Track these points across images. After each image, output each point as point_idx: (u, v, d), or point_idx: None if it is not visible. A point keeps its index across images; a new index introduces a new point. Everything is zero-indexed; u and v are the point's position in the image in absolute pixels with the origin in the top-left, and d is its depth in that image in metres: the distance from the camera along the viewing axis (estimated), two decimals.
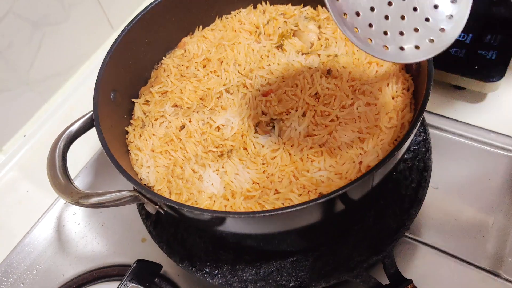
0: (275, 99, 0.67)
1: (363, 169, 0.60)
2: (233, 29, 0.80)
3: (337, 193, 0.50)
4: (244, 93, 0.70)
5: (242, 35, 0.79)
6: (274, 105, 0.66)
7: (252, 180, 0.62)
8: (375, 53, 0.50)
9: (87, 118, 0.64)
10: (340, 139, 0.62)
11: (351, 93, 0.65)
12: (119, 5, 1.15)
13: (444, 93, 0.93)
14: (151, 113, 0.72)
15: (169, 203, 0.53)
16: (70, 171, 0.63)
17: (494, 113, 0.89)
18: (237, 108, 0.68)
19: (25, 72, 0.98)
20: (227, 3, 0.82)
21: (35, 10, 0.95)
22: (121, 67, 0.71)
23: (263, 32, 0.79)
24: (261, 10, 0.82)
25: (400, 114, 0.64)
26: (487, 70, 0.86)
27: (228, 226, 0.57)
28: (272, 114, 0.66)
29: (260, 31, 0.79)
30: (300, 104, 0.65)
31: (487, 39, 0.90)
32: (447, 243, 0.74)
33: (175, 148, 0.67)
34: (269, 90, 0.68)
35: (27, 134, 1.02)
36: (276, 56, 0.73)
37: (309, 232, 0.67)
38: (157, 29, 0.77)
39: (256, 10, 0.83)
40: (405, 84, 0.67)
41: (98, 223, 0.87)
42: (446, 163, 0.83)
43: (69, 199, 0.57)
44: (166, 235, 0.73)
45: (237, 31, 0.79)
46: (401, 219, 0.69)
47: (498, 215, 0.76)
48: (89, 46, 1.13)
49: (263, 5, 0.83)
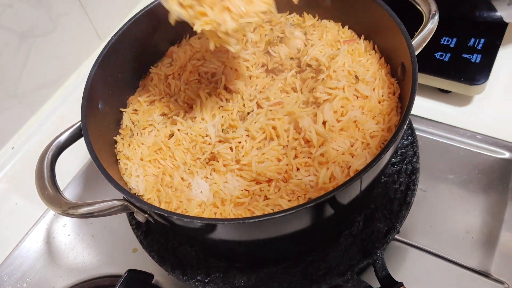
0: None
1: (351, 173, 0.60)
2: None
3: (325, 197, 0.51)
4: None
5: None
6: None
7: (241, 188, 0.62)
8: None
9: (75, 128, 0.64)
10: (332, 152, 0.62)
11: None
12: (106, 15, 1.15)
13: (430, 96, 0.94)
14: (139, 122, 0.72)
15: (159, 211, 0.53)
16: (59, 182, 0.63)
17: (480, 116, 0.90)
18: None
19: (12, 84, 0.97)
20: None
21: (22, 21, 0.95)
22: (108, 77, 0.71)
23: (250, 39, 0.79)
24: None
25: (386, 118, 0.65)
26: (471, 73, 0.88)
27: (218, 233, 0.57)
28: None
29: (247, 39, 0.80)
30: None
31: (471, 43, 0.92)
32: (437, 245, 0.75)
33: (164, 156, 0.67)
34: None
35: (15, 147, 1.01)
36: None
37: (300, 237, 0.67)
38: (145, 38, 0.77)
39: None
40: (391, 88, 0.68)
41: (88, 234, 0.86)
42: (434, 166, 0.84)
43: (58, 210, 0.57)
44: (157, 244, 0.73)
45: None
46: (390, 222, 0.69)
47: (486, 216, 0.77)
48: (76, 57, 1.13)
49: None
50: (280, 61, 0.75)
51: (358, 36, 0.77)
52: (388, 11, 0.67)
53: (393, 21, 0.66)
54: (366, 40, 0.75)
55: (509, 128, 0.86)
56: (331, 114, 0.65)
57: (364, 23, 0.75)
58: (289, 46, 0.77)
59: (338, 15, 0.79)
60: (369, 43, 0.75)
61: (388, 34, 0.68)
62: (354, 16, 0.76)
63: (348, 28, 0.78)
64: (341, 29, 0.78)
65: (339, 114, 0.65)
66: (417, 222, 0.78)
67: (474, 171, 0.82)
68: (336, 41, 0.76)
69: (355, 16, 0.76)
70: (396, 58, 0.68)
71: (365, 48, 0.74)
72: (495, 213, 0.77)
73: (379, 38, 0.73)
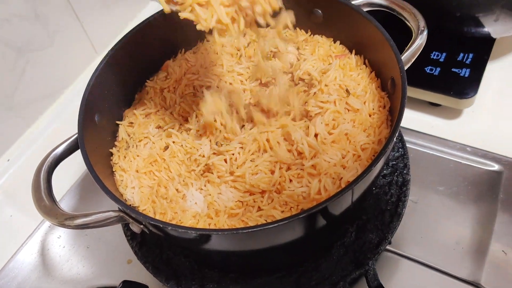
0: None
1: (343, 184, 0.61)
2: (215, 51, 0.82)
3: (317, 208, 0.52)
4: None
5: (224, 57, 0.81)
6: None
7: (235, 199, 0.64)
8: None
9: (72, 140, 0.65)
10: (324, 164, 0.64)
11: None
12: (102, 30, 1.17)
13: (421, 110, 0.96)
14: (135, 135, 0.73)
15: (154, 222, 0.54)
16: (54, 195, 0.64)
17: (469, 128, 0.92)
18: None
19: (9, 97, 0.98)
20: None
21: (19, 36, 0.96)
22: (105, 90, 0.72)
23: (244, 54, 0.81)
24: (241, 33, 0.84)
25: (377, 131, 0.66)
26: (461, 87, 0.90)
27: (212, 244, 0.58)
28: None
29: (241, 53, 0.81)
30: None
31: (460, 58, 0.94)
32: (428, 255, 0.76)
33: (159, 168, 0.68)
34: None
35: (11, 159, 1.02)
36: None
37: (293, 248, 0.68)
38: (141, 52, 0.78)
39: None
40: (381, 101, 0.70)
41: (83, 246, 0.87)
42: (425, 178, 0.85)
43: (54, 221, 0.58)
44: (152, 255, 0.73)
45: (219, 54, 0.81)
46: (382, 233, 0.71)
47: (476, 227, 0.78)
48: (73, 71, 1.14)
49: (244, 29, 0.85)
50: (274, 75, 0.77)
51: (349, 51, 0.79)
52: (378, 27, 0.69)
53: (383, 36, 0.67)
54: (357, 55, 0.77)
55: (498, 141, 0.88)
56: (322, 127, 0.66)
57: (355, 39, 0.77)
58: (282, 61, 0.78)
59: (330, 30, 0.80)
60: (360, 58, 0.76)
61: (378, 49, 0.70)
62: (345, 31, 0.78)
63: (340, 43, 0.80)
64: (333, 44, 0.80)
65: (331, 127, 0.67)
66: (408, 233, 0.79)
67: (464, 183, 0.84)
68: (328, 56, 0.78)
69: (346, 31, 0.78)
70: (386, 73, 0.70)
71: (356, 62, 0.76)
72: (485, 224, 0.78)
73: (370, 53, 0.75)
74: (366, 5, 0.76)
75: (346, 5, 0.74)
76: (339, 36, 0.80)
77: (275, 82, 0.71)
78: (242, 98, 0.72)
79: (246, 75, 0.78)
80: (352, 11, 0.73)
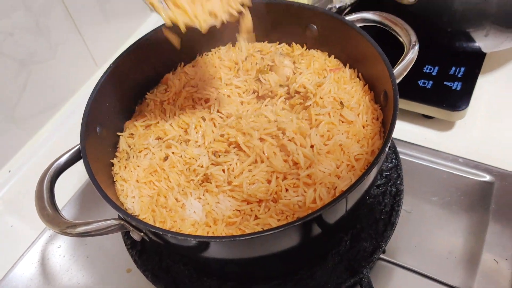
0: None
1: (337, 194, 0.63)
2: (213, 65, 0.84)
3: (312, 216, 0.54)
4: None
5: (222, 71, 0.83)
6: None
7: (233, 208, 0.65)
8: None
9: (74, 151, 0.67)
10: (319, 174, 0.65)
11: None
12: (103, 44, 1.19)
13: (414, 122, 0.98)
14: (135, 146, 0.75)
15: (154, 229, 0.56)
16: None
17: (462, 140, 0.94)
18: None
19: (11, 109, 1.00)
20: (207, 42, 0.87)
21: (22, 49, 0.98)
22: (107, 102, 0.74)
23: (241, 67, 0.83)
24: (239, 47, 0.87)
25: (370, 142, 0.69)
26: (453, 99, 0.93)
27: (210, 251, 0.60)
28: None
29: (239, 67, 0.84)
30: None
31: (452, 71, 0.97)
32: (422, 264, 0.78)
33: (159, 178, 0.70)
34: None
35: (12, 170, 1.04)
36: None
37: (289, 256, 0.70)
38: (141, 66, 0.80)
39: (235, 47, 0.87)
40: (374, 114, 0.72)
41: (83, 255, 0.88)
42: (419, 188, 0.87)
43: (56, 229, 0.59)
44: (151, 263, 0.75)
45: (217, 67, 0.84)
46: (376, 242, 0.72)
47: (468, 236, 0.80)
48: (74, 83, 1.16)
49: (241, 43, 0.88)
50: (270, 88, 0.79)
51: (343, 65, 0.81)
52: (371, 42, 0.71)
53: (376, 51, 0.70)
54: (351, 69, 0.79)
55: (489, 152, 0.90)
56: (318, 138, 0.68)
57: (349, 53, 0.79)
58: (278, 74, 0.81)
59: (324, 45, 0.83)
60: (354, 71, 0.79)
61: (372, 63, 0.72)
62: (339, 46, 0.80)
63: (334, 57, 0.82)
64: (328, 58, 0.82)
65: (326, 138, 0.69)
66: (402, 242, 0.81)
67: (457, 193, 0.86)
68: (323, 70, 0.81)
69: (340, 46, 0.80)
70: (379, 86, 0.72)
71: (350, 76, 0.78)
72: (477, 234, 0.80)
73: (363, 67, 0.77)
74: (359, 21, 0.78)
75: (340, 21, 0.77)
76: (334, 50, 0.82)
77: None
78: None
79: (244, 88, 0.80)
80: (346, 27, 0.76)
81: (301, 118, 0.72)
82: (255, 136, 0.69)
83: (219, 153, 0.69)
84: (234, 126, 0.71)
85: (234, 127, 0.71)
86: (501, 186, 0.84)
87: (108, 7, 1.17)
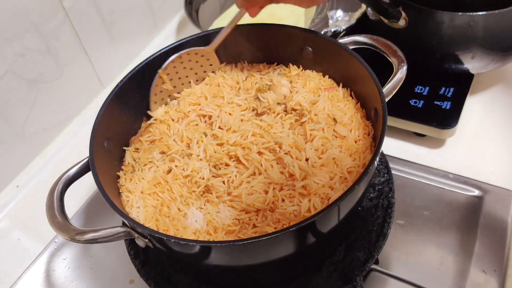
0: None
1: None
2: (217, 84, 0.89)
3: (305, 222, 0.57)
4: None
5: (224, 90, 0.87)
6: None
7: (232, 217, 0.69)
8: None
9: (83, 163, 0.71)
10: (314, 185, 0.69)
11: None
12: (109, 64, 1.24)
13: (407, 140, 1.03)
14: (140, 160, 0.79)
15: (158, 235, 0.60)
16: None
17: (452, 157, 0.98)
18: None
19: (20, 126, 1.05)
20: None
21: (32, 69, 1.03)
22: (114, 119, 0.78)
23: (242, 87, 0.88)
24: (240, 67, 0.92)
25: (362, 156, 0.72)
26: (443, 118, 0.97)
27: (210, 256, 0.63)
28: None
29: (240, 86, 0.88)
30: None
31: (442, 91, 1.02)
32: (414, 275, 0.81)
33: (162, 190, 0.74)
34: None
35: (19, 185, 1.07)
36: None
37: (286, 264, 0.73)
38: (147, 85, 0.85)
39: (236, 67, 0.92)
40: (366, 129, 0.76)
41: (87, 267, 0.91)
42: (411, 203, 0.90)
43: (66, 236, 0.63)
44: (154, 273, 0.78)
45: (221, 86, 0.88)
46: (369, 251, 0.76)
47: (458, 248, 0.83)
48: (80, 102, 1.20)
49: (242, 64, 0.92)
50: (269, 105, 0.83)
51: (337, 84, 0.85)
52: (362, 62, 0.76)
53: (367, 71, 0.74)
54: (344, 88, 0.84)
55: (478, 168, 0.94)
56: (312, 152, 0.72)
57: (343, 73, 0.83)
58: (276, 93, 0.85)
59: (319, 66, 0.87)
60: (346, 90, 0.83)
61: (363, 83, 0.76)
62: (333, 67, 0.85)
63: (329, 77, 0.86)
64: (322, 78, 0.87)
65: (320, 152, 0.73)
66: (396, 254, 0.84)
67: (447, 207, 0.89)
68: (318, 89, 0.85)
69: (334, 67, 0.84)
70: (370, 103, 0.77)
71: (343, 94, 0.82)
72: (467, 246, 0.83)
73: (355, 86, 0.81)
74: (352, 43, 0.83)
75: (333, 43, 0.81)
76: (328, 71, 0.86)
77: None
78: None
79: (244, 106, 0.85)
80: (339, 49, 0.80)
81: (296, 134, 0.76)
82: (254, 150, 0.73)
83: (220, 165, 0.73)
84: (234, 142, 0.75)
85: (234, 142, 0.75)
86: (489, 201, 0.88)
87: (114, 30, 1.22)
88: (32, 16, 0.99)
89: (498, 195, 0.89)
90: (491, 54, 0.95)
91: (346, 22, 1.17)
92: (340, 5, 1.20)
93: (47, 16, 1.03)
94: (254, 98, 0.85)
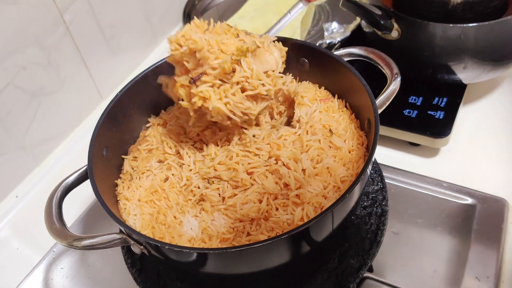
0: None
1: None
2: None
3: (298, 230, 0.59)
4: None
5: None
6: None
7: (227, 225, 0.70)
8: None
9: (82, 171, 0.73)
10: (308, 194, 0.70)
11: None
12: (108, 77, 1.26)
13: (402, 149, 1.04)
14: (138, 168, 0.80)
15: (153, 242, 0.61)
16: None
17: (446, 166, 1.00)
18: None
19: (21, 137, 1.06)
20: None
21: (33, 81, 1.05)
22: (113, 128, 0.80)
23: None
24: None
25: (355, 165, 0.74)
26: (436, 128, 0.98)
27: (205, 264, 0.64)
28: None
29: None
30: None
31: (435, 101, 1.03)
32: (408, 282, 0.82)
33: (159, 198, 0.75)
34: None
35: (19, 195, 1.09)
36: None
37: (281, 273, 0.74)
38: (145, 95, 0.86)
39: None
40: (360, 140, 0.78)
41: (85, 276, 0.92)
42: (405, 211, 0.92)
43: (64, 242, 0.64)
44: (150, 281, 0.79)
45: None
46: (362, 259, 0.77)
47: (452, 255, 0.84)
48: (79, 113, 1.22)
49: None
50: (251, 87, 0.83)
51: (332, 96, 0.87)
52: (356, 75, 0.77)
53: (361, 83, 0.75)
54: (339, 99, 0.85)
55: (471, 177, 0.96)
56: (308, 162, 0.74)
57: (337, 84, 0.85)
58: (261, 61, 0.81)
59: (315, 77, 0.89)
60: (341, 101, 0.84)
61: (357, 94, 0.78)
62: (328, 78, 0.86)
63: (324, 88, 0.88)
64: (318, 90, 0.88)
65: (315, 162, 0.74)
66: (390, 262, 0.85)
67: (441, 215, 0.90)
68: (314, 100, 0.86)
69: (329, 78, 0.86)
70: (363, 114, 0.78)
71: (338, 105, 0.84)
72: (460, 253, 0.84)
73: (350, 97, 0.83)
74: (346, 55, 0.85)
75: (329, 55, 0.83)
76: (324, 82, 0.88)
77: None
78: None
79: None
80: (334, 61, 0.82)
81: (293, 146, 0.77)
82: (241, 170, 0.73)
83: (213, 179, 0.74)
84: (220, 162, 0.75)
85: (220, 162, 0.75)
86: (482, 209, 0.89)
87: (114, 44, 1.25)
88: (34, 29, 1.02)
89: (491, 203, 0.90)
90: (483, 64, 0.96)
91: (341, 34, 1.20)
92: (335, 18, 1.22)
93: (48, 30, 1.05)
94: (232, 62, 0.72)
